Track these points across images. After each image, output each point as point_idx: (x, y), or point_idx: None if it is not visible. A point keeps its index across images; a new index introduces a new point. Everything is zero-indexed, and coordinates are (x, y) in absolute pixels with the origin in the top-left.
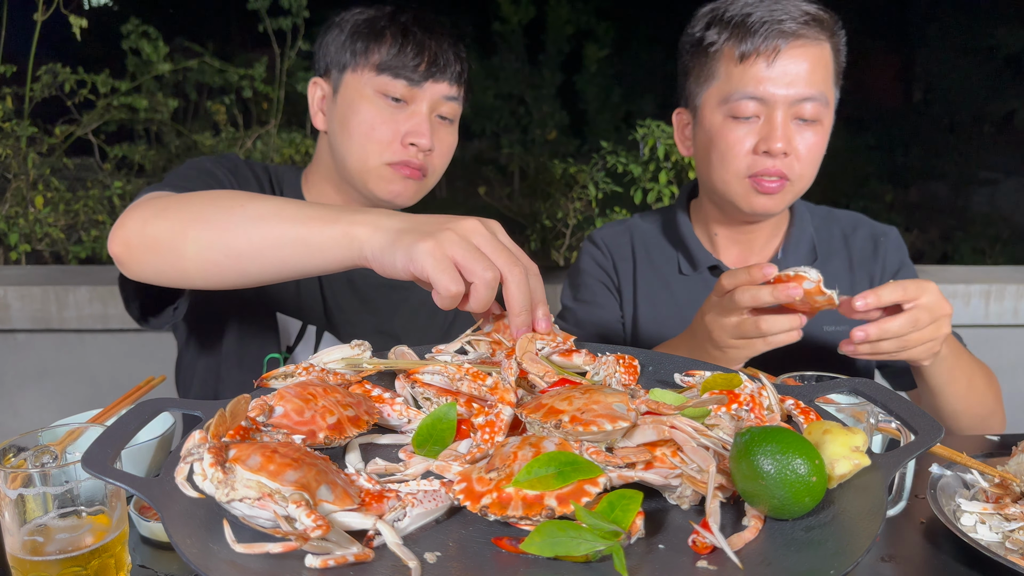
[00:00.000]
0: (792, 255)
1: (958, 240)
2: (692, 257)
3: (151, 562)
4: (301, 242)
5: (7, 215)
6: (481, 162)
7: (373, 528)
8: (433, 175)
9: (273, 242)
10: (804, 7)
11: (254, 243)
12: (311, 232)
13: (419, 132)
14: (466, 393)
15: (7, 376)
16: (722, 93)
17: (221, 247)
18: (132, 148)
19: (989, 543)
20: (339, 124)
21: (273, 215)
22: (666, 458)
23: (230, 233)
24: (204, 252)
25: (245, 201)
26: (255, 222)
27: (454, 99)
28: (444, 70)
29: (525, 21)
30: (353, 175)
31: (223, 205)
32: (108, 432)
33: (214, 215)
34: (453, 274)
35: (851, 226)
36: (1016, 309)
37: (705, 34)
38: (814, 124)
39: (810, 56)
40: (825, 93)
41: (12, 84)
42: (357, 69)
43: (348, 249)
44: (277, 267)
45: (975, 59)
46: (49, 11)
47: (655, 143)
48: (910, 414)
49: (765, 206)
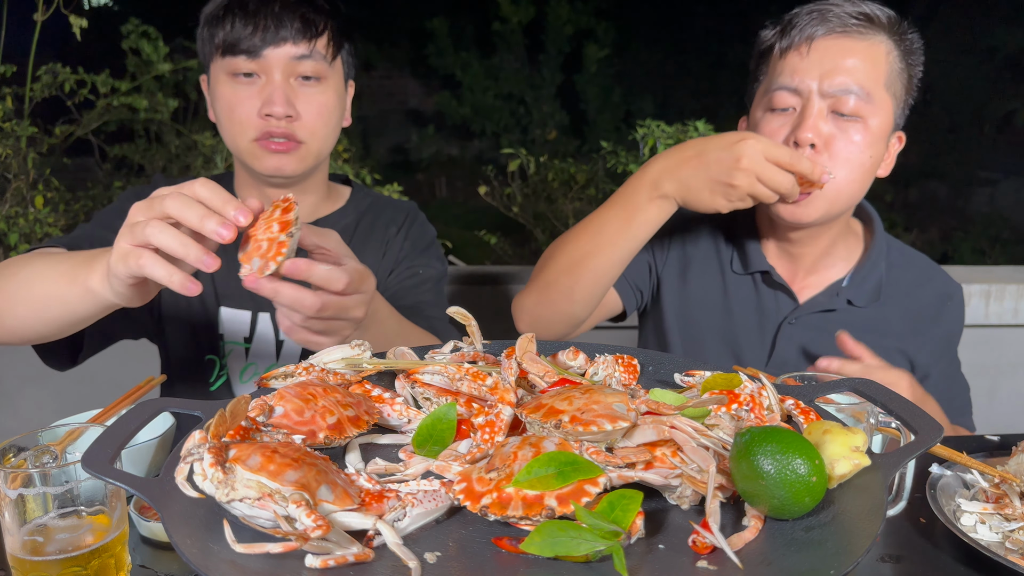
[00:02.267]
0: (858, 287)
1: (958, 240)
2: (747, 260)
3: (151, 562)
4: (59, 302)
5: (7, 215)
6: (481, 162)
7: (373, 528)
8: (313, 139)
9: (40, 307)
10: (861, 6)
11: (29, 308)
12: (62, 292)
13: (271, 101)
14: (466, 393)
15: (7, 376)
16: (764, 89)
17: (12, 316)
18: (132, 148)
19: (989, 543)
20: (215, 114)
21: (37, 278)
22: (666, 458)
23: (13, 303)
24: (5, 321)
25: (24, 265)
26: (25, 288)
27: (307, 56)
28: (279, 31)
29: (525, 21)
30: (237, 158)
31: (11, 272)
32: (108, 432)
33: (3, 285)
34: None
35: (925, 276)
36: (1016, 309)
37: (765, 36)
38: (855, 122)
39: (853, 49)
40: (867, 87)
41: (12, 84)
42: (213, 57)
43: (96, 303)
44: (59, 324)
45: (975, 59)
46: (49, 11)
47: (655, 143)
48: (910, 414)
49: (793, 214)
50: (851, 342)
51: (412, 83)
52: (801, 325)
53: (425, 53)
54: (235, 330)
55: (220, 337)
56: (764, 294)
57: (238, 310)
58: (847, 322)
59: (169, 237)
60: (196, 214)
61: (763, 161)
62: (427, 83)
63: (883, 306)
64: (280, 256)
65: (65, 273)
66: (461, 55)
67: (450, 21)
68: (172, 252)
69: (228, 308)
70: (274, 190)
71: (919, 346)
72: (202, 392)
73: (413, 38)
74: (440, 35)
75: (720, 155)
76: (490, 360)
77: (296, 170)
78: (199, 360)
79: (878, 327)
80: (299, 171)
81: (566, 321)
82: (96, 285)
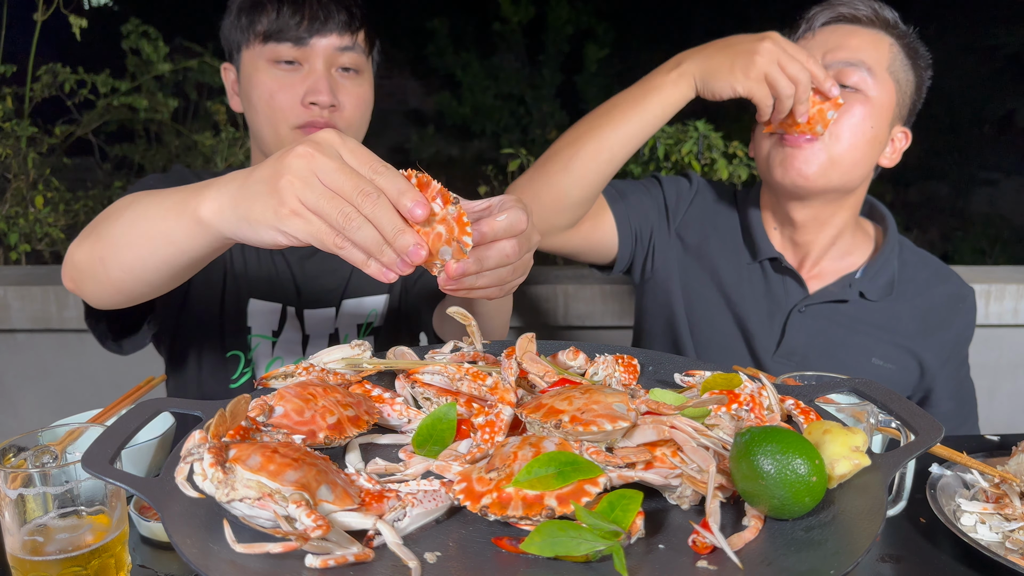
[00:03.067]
0: (871, 281)
1: (958, 240)
2: (756, 248)
3: (151, 562)
4: (166, 241)
5: (7, 215)
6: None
7: (373, 528)
8: (350, 131)
9: (146, 249)
10: (871, 3)
11: (136, 253)
12: (170, 228)
13: (316, 90)
14: (466, 393)
15: (7, 376)
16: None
17: (117, 265)
18: (132, 148)
19: (989, 543)
20: (246, 102)
21: (141, 217)
22: (666, 458)
23: (118, 248)
24: (112, 272)
25: (127, 207)
26: (131, 229)
27: (350, 48)
28: (327, 22)
29: (525, 21)
30: (271, 148)
31: (114, 216)
32: (108, 432)
33: (107, 230)
34: (314, 231)
35: (938, 278)
36: (1016, 309)
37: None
38: (857, 94)
39: (857, 32)
40: (868, 64)
41: (12, 84)
42: (249, 45)
43: (206, 237)
44: (169, 269)
45: (975, 59)
46: (49, 11)
47: (655, 143)
48: (910, 414)
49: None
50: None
51: (412, 83)
52: (811, 314)
53: (425, 53)
54: (264, 323)
55: (248, 330)
56: (773, 281)
57: (268, 302)
58: (858, 315)
59: (369, 235)
60: (391, 226)
61: (785, 48)
62: (427, 83)
63: (895, 302)
64: (468, 228)
65: (172, 207)
66: (461, 55)
67: (450, 21)
68: (365, 248)
69: (257, 300)
70: None
71: (928, 346)
72: (222, 390)
73: (413, 38)
74: (440, 35)
75: (746, 38)
76: (490, 360)
77: None
78: (220, 357)
79: (888, 323)
80: None
81: (556, 197)
82: (208, 214)
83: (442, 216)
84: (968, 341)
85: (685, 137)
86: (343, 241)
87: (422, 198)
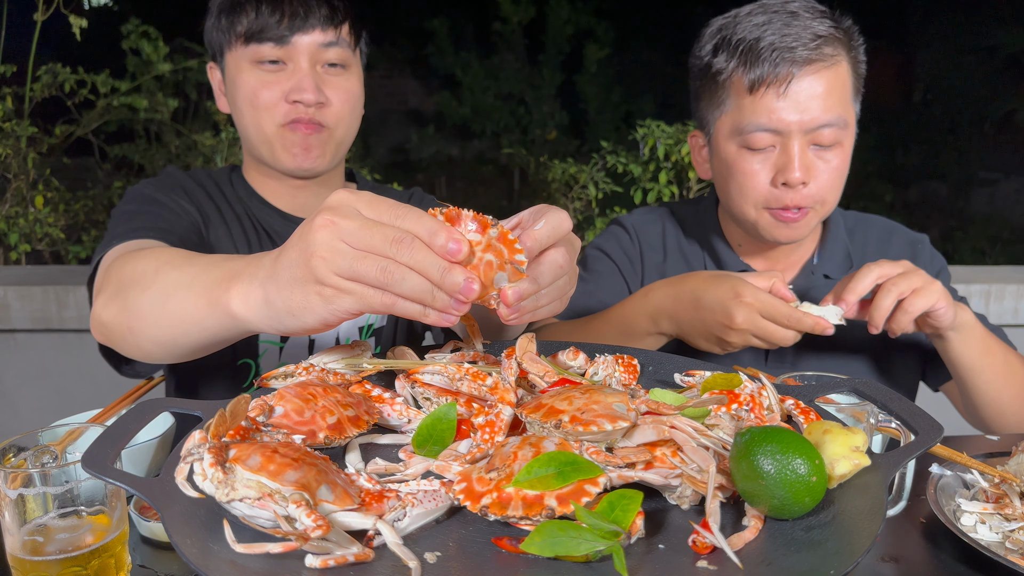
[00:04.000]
0: (828, 262)
1: (958, 240)
2: (720, 261)
3: (151, 562)
4: (199, 328)
5: (7, 215)
6: (481, 162)
7: (373, 528)
8: (340, 127)
9: (181, 332)
10: (815, 28)
11: (168, 334)
12: (202, 317)
13: (300, 88)
14: (466, 393)
15: (7, 376)
16: (735, 123)
17: (148, 339)
18: (132, 148)
19: (989, 543)
20: (231, 103)
21: (171, 297)
22: (666, 458)
23: (148, 324)
24: (142, 344)
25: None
26: (160, 308)
27: (334, 43)
28: (308, 18)
29: (525, 21)
30: (259, 149)
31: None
32: (108, 432)
33: (135, 302)
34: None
35: (886, 232)
36: (1016, 309)
37: (713, 60)
38: (834, 147)
39: (825, 80)
40: (843, 116)
41: (12, 84)
42: (231, 46)
43: (242, 328)
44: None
45: (975, 59)
46: (49, 11)
47: (655, 143)
48: (910, 414)
49: (790, 235)
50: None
51: (412, 83)
52: None
53: (425, 53)
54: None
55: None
56: None
57: None
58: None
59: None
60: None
61: (758, 320)
62: (427, 83)
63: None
64: (517, 245)
65: (202, 294)
66: (461, 55)
67: (450, 21)
68: (415, 297)
69: None
70: (296, 181)
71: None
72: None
73: (413, 38)
74: (440, 35)
75: (715, 309)
76: (490, 360)
77: (323, 159)
78: (232, 365)
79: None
80: (326, 162)
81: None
82: (240, 311)
83: (486, 243)
84: (946, 275)
85: (685, 137)
86: (392, 298)
87: (457, 233)
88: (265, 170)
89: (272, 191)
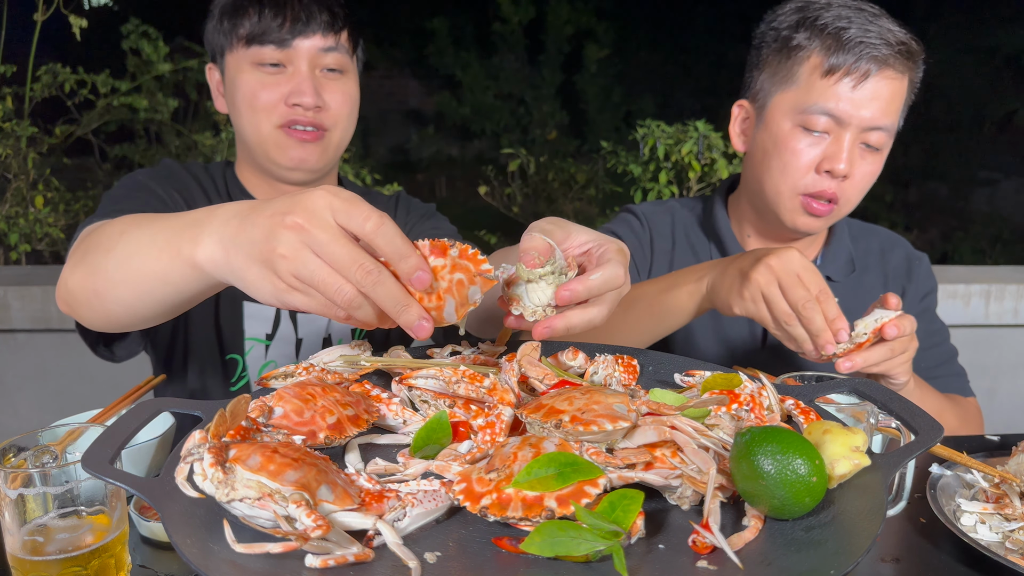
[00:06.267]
0: (831, 265)
1: (958, 240)
2: (726, 253)
3: (151, 562)
4: (162, 281)
5: (7, 215)
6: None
7: (373, 528)
8: (337, 130)
9: (143, 288)
10: (897, 33)
11: (132, 291)
12: (165, 269)
13: (300, 91)
14: (463, 396)
15: (7, 376)
16: (798, 101)
17: (113, 300)
18: (132, 148)
19: (989, 543)
20: (230, 104)
21: (134, 254)
22: (666, 459)
23: (113, 284)
24: (107, 306)
25: (119, 237)
26: (124, 266)
27: (333, 49)
28: (309, 23)
29: (525, 21)
30: (255, 149)
31: (106, 246)
32: (108, 432)
33: (100, 263)
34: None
35: (889, 243)
36: (1016, 309)
37: (794, 35)
38: (876, 152)
39: (893, 86)
40: (894, 124)
41: (12, 84)
42: (232, 48)
43: (204, 281)
44: (166, 306)
45: (975, 59)
46: (49, 11)
47: (655, 143)
48: (910, 414)
49: (809, 226)
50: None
51: (412, 83)
52: None
53: (425, 53)
54: (258, 326)
55: (243, 333)
56: None
57: (262, 305)
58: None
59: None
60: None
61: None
62: (427, 83)
63: (860, 275)
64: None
65: (165, 246)
66: (461, 55)
67: (450, 21)
68: (387, 310)
69: (252, 303)
70: (287, 186)
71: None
72: (222, 393)
73: (413, 38)
74: (440, 35)
75: (747, 257)
76: (487, 361)
77: (318, 163)
78: (218, 360)
79: (858, 295)
80: (321, 165)
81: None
82: (204, 261)
83: (451, 264)
84: (934, 298)
85: (685, 137)
86: (344, 314)
87: (423, 263)
88: (257, 171)
89: (264, 194)
